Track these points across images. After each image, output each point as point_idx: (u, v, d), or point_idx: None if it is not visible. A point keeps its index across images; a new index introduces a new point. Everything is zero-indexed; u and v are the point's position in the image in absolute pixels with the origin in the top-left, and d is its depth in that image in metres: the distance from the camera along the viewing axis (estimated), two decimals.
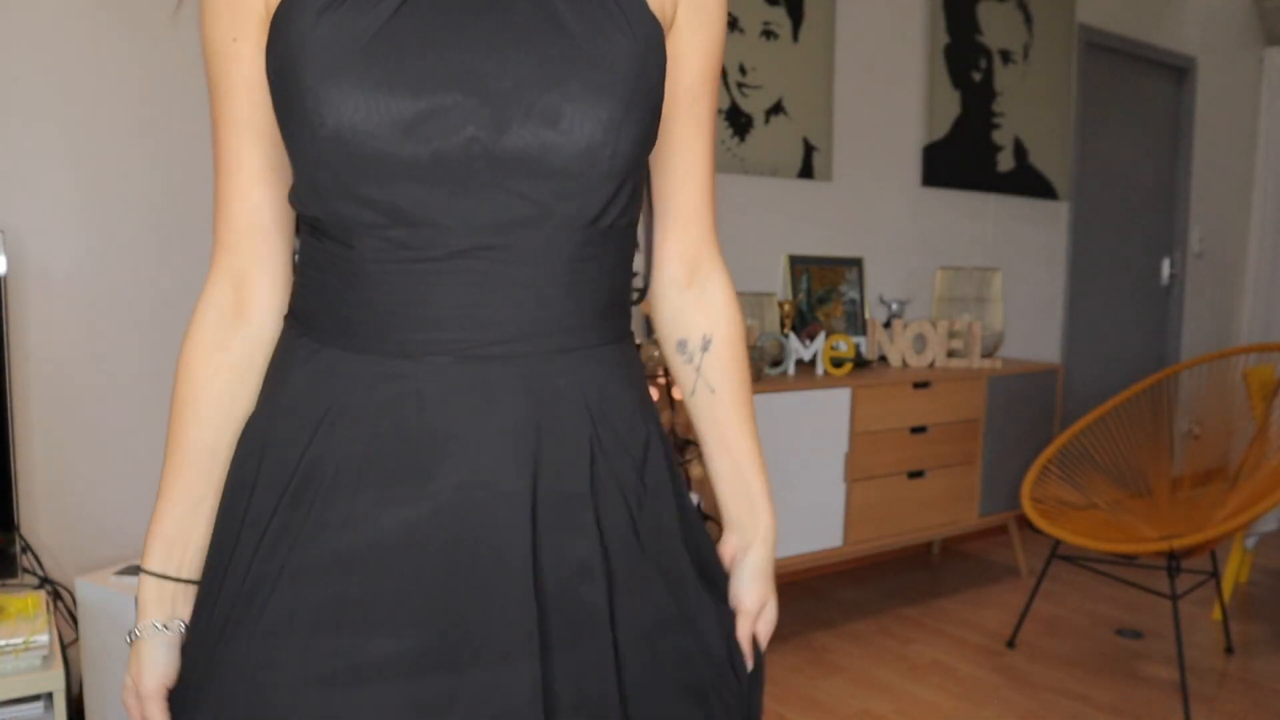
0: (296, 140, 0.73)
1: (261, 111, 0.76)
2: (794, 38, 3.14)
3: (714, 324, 0.89)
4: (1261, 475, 2.63)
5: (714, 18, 0.84)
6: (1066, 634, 2.88)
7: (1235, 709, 2.39)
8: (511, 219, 0.72)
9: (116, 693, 1.78)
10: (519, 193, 0.72)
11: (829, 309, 3.31)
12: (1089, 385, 4.37)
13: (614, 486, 0.78)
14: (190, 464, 0.79)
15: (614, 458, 0.79)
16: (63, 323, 2.00)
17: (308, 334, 0.77)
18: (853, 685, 2.50)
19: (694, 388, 0.90)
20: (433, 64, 0.70)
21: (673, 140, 0.85)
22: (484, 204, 0.71)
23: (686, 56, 0.83)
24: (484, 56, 0.71)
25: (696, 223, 0.88)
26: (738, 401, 0.89)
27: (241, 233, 0.79)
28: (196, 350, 0.79)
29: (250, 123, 0.77)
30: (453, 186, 0.71)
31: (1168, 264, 4.78)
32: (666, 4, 0.81)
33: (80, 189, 2.00)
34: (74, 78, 1.98)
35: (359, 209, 0.72)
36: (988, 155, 3.78)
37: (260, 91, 0.76)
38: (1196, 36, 4.68)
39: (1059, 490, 2.85)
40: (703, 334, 0.88)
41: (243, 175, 0.78)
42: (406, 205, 0.71)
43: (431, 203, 0.71)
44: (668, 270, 0.89)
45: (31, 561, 1.95)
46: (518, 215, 0.72)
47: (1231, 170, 4.98)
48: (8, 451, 1.79)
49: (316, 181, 0.73)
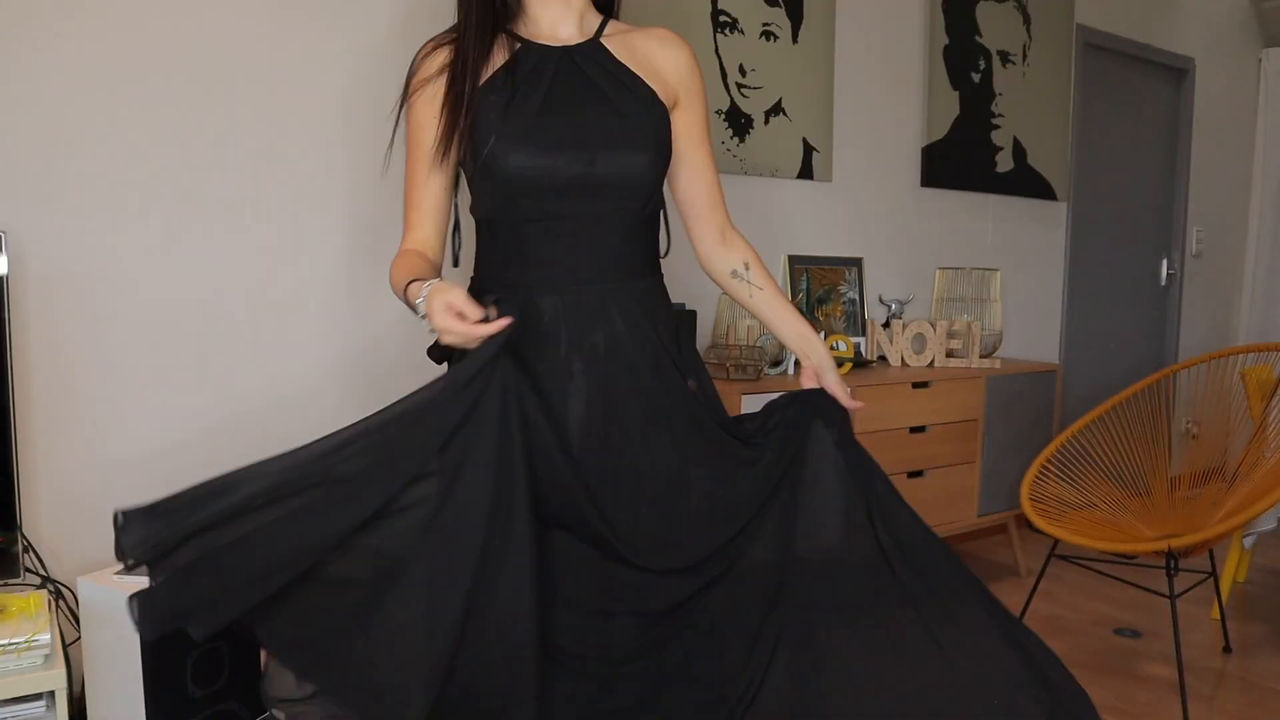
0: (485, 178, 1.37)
1: (425, 165, 1.42)
2: (794, 39, 3.15)
3: (745, 256, 1.56)
4: (1259, 475, 2.63)
5: (699, 95, 1.52)
6: (1065, 633, 2.88)
7: (1233, 708, 2.39)
8: (601, 212, 1.39)
9: (118, 692, 1.79)
10: (603, 199, 1.38)
11: (829, 309, 3.32)
12: (1088, 385, 4.37)
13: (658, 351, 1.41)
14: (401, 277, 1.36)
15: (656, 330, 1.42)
16: (63, 323, 2.01)
17: (488, 289, 1.39)
18: None
19: (750, 293, 1.55)
20: (558, 136, 1.36)
21: (694, 168, 1.53)
22: (587, 204, 1.37)
23: (690, 119, 1.51)
24: (582, 129, 1.37)
25: (718, 211, 1.56)
26: (777, 291, 1.56)
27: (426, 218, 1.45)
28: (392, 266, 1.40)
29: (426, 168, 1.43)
30: (572, 196, 1.37)
31: (1166, 264, 4.79)
32: (669, 95, 1.47)
33: (80, 189, 2.01)
34: (74, 78, 1.98)
35: (523, 212, 1.37)
36: (987, 156, 3.78)
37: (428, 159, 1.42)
38: (1195, 37, 4.69)
39: (1058, 490, 2.85)
40: (742, 261, 1.56)
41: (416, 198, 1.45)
42: (550, 208, 1.37)
43: (561, 205, 1.37)
44: (708, 240, 1.56)
45: (33, 561, 1.95)
46: (604, 210, 1.39)
47: (1230, 171, 4.99)
48: (9, 451, 1.79)
49: (499, 198, 1.38)
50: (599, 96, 1.40)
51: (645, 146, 1.39)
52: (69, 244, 2.00)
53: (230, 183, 2.18)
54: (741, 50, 3.02)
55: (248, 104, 2.19)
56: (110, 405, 2.07)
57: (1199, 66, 4.71)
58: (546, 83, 1.38)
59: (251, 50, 2.18)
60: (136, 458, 2.10)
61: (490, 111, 1.35)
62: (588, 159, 1.35)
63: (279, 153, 2.22)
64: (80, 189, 2.01)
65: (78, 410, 2.03)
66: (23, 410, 1.95)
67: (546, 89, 1.38)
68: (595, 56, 1.43)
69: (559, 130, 1.36)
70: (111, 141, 2.03)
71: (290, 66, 2.23)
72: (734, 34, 3.00)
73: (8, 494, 1.79)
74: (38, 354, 1.98)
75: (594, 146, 1.36)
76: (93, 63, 2.00)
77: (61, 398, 2.01)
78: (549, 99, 1.37)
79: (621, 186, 1.38)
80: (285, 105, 2.23)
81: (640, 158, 1.38)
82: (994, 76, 3.76)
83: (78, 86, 1.98)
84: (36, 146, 1.95)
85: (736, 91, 3.03)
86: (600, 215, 1.38)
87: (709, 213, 1.55)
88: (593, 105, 1.39)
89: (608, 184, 1.37)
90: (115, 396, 2.07)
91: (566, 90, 1.39)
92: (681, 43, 1.52)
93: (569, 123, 1.37)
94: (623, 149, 1.37)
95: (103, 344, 2.05)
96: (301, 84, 2.25)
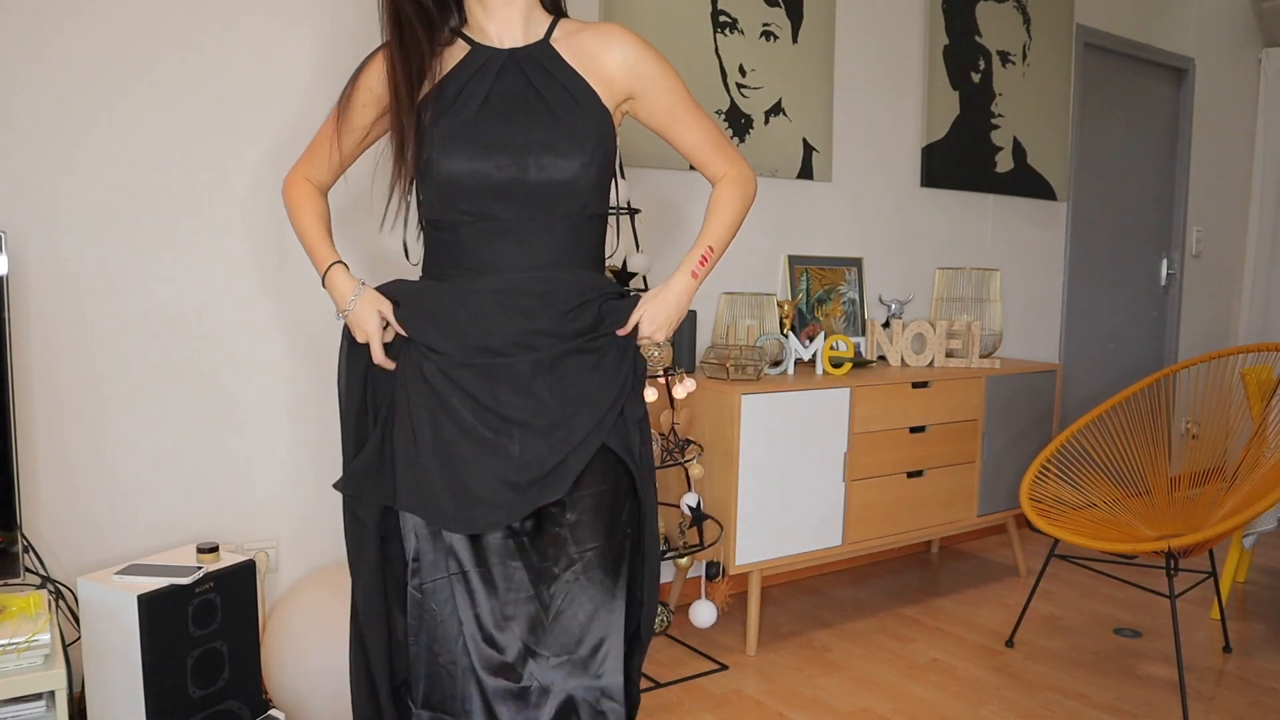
0: (424, 180, 1.45)
1: (348, 131, 1.55)
2: (794, 39, 3.15)
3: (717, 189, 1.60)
4: (1259, 475, 2.63)
5: (658, 76, 1.52)
6: (1065, 633, 2.88)
7: (1233, 708, 2.39)
8: (535, 212, 1.43)
9: (118, 692, 1.79)
10: (538, 202, 1.42)
11: (828, 309, 3.32)
12: (1087, 385, 4.37)
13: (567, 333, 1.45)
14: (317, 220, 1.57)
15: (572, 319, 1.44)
16: (63, 323, 2.01)
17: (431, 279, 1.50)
18: (852, 684, 2.50)
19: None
20: (492, 140, 1.41)
21: (675, 139, 1.58)
22: (522, 208, 1.42)
23: (654, 104, 1.54)
24: (515, 133, 1.42)
25: (713, 160, 1.59)
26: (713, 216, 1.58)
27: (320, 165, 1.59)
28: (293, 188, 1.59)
29: (344, 136, 1.55)
30: (506, 200, 1.42)
31: (1166, 264, 4.79)
32: (618, 92, 1.51)
33: (80, 189, 2.01)
34: (74, 78, 1.98)
35: (460, 214, 1.43)
36: (986, 156, 3.78)
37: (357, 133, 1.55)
38: (1195, 37, 4.69)
39: (1057, 490, 2.86)
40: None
41: (327, 148, 1.57)
42: (486, 210, 1.42)
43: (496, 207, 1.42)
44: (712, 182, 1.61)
45: (33, 561, 1.95)
46: (539, 213, 1.43)
47: (1229, 171, 4.99)
48: (9, 451, 1.79)
49: (437, 200, 1.44)
50: (536, 100, 1.43)
51: (577, 152, 1.41)
52: (69, 244, 2.00)
53: (231, 183, 2.18)
54: (741, 50, 3.02)
55: (249, 104, 2.19)
56: (110, 405, 2.07)
57: (1199, 66, 4.71)
58: (487, 87, 1.43)
59: (253, 51, 2.18)
60: (136, 458, 2.10)
61: (429, 116, 1.42)
62: (520, 164, 1.39)
63: (279, 153, 2.22)
64: (80, 189, 2.01)
65: (78, 410, 2.03)
66: (23, 410, 1.95)
67: (486, 93, 1.43)
68: (540, 59, 1.46)
69: (493, 135, 1.40)
70: (111, 142, 2.03)
71: (294, 69, 2.23)
72: (734, 34, 3.00)
73: (8, 494, 1.79)
74: (38, 354, 1.98)
75: (526, 151, 1.40)
76: (93, 63, 2.00)
77: (61, 397, 2.01)
78: (487, 103, 1.42)
79: (555, 190, 1.41)
80: (286, 106, 2.23)
81: (571, 163, 1.41)
82: (994, 76, 3.76)
83: (78, 87, 1.98)
84: (36, 146, 1.95)
85: (736, 91, 3.03)
86: (535, 217, 1.42)
87: (702, 168, 1.60)
88: (529, 110, 1.42)
89: (541, 188, 1.40)
90: (115, 396, 2.07)
91: (506, 94, 1.43)
92: (624, 35, 1.51)
93: (503, 129, 1.41)
94: (554, 154, 1.40)
95: (103, 344, 2.05)
96: (303, 86, 2.25)
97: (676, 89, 1.53)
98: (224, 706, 1.89)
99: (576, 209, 1.44)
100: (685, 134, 1.56)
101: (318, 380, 2.32)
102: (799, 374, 2.92)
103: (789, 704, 2.38)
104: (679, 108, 1.54)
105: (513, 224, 1.41)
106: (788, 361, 2.91)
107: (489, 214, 1.41)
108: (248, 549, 2.24)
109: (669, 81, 1.53)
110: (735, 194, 1.57)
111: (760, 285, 3.18)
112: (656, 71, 1.51)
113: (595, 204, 1.47)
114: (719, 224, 1.56)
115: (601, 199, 1.48)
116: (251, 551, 2.23)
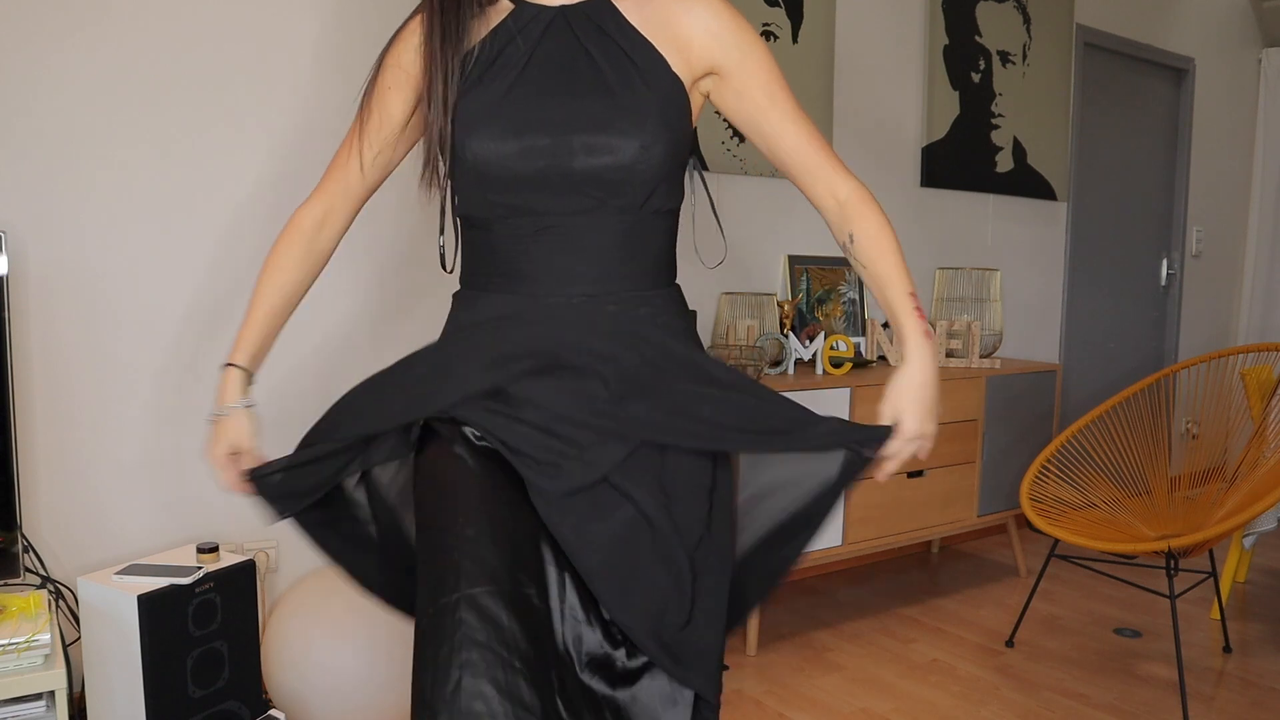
0: (453, 167, 1.16)
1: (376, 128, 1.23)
2: (794, 38, 3.15)
3: (853, 225, 1.22)
4: (1259, 475, 2.63)
5: (750, 52, 1.20)
6: (1065, 633, 2.88)
7: (1233, 708, 2.39)
8: (582, 206, 1.13)
9: (118, 692, 1.79)
10: (584, 193, 1.13)
11: (828, 309, 3.32)
12: (1087, 385, 4.37)
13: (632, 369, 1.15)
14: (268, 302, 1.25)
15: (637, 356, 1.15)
16: (63, 323, 2.01)
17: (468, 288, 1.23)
18: (852, 684, 2.50)
19: (860, 269, 1.25)
20: (525, 117, 1.12)
21: (771, 133, 1.22)
22: (567, 200, 1.13)
23: (745, 83, 1.20)
24: (557, 107, 1.12)
25: (822, 170, 1.23)
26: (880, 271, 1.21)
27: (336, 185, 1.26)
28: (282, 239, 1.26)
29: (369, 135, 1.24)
30: (547, 191, 1.13)
31: (1166, 264, 4.79)
32: (696, 64, 1.18)
33: (80, 189, 2.01)
34: (74, 78, 1.98)
35: (492, 207, 1.15)
36: (986, 156, 3.78)
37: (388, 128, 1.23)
38: (1195, 37, 4.69)
39: (1058, 490, 2.86)
40: (848, 233, 1.23)
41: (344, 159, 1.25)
42: (523, 204, 1.14)
43: (536, 201, 1.14)
44: (825, 209, 1.25)
45: (33, 561, 1.95)
46: (588, 206, 1.13)
47: (1229, 171, 4.99)
48: (9, 451, 1.79)
49: (467, 190, 1.17)
50: (588, 66, 1.14)
51: (635, 130, 1.11)
52: (69, 244, 2.00)
53: (231, 183, 2.18)
54: None
55: (249, 104, 2.19)
56: (110, 405, 2.07)
57: (1199, 66, 4.71)
58: (529, 50, 1.15)
59: (254, 52, 2.18)
60: (136, 458, 2.10)
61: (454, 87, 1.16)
62: (561, 145, 1.11)
63: (280, 153, 2.22)
64: (80, 189, 2.00)
65: (78, 410, 2.03)
66: (23, 410, 1.95)
67: (526, 58, 1.15)
68: (596, 17, 1.17)
69: (527, 110, 1.12)
70: (111, 142, 2.03)
71: (294, 69, 2.23)
72: None
73: (8, 494, 1.79)
74: (38, 354, 1.98)
75: (569, 129, 1.11)
76: (93, 63, 2.00)
77: (61, 397, 2.01)
78: (526, 70, 1.14)
79: (605, 180, 1.12)
80: (287, 106, 2.23)
81: (627, 145, 1.11)
82: (994, 76, 3.76)
83: (78, 87, 1.98)
84: (36, 146, 1.95)
85: None
86: (585, 213, 1.14)
87: (810, 180, 1.24)
88: (577, 78, 1.14)
89: (587, 176, 1.12)
90: (115, 396, 2.07)
91: (550, 59, 1.15)
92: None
93: (543, 101, 1.13)
94: (605, 134, 1.11)
95: (103, 344, 2.05)
96: (305, 86, 2.25)
97: (773, 68, 1.21)
98: (224, 706, 1.89)
99: (636, 202, 1.14)
100: (787, 128, 1.21)
101: (318, 380, 2.32)
102: (799, 374, 2.92)
103: (789, 704, 2.38)
104: (780, 93, 1.21)
105: (554, 221, 1.14)
106: (788, 361, 2.91)
107: (525, 207, 1.14)
108: (248, 549, 2.24)
109: (764, 58, 1.20)
110: (881, 221, 1.22)
111: (760, 285, 3.18)
112: (750, 44, 1.19)
113: (661, 198, 1.17)
114: (895, 264, 1.20)
115: (670, 192, 1.18)
116: (251, 551, 2.22)
